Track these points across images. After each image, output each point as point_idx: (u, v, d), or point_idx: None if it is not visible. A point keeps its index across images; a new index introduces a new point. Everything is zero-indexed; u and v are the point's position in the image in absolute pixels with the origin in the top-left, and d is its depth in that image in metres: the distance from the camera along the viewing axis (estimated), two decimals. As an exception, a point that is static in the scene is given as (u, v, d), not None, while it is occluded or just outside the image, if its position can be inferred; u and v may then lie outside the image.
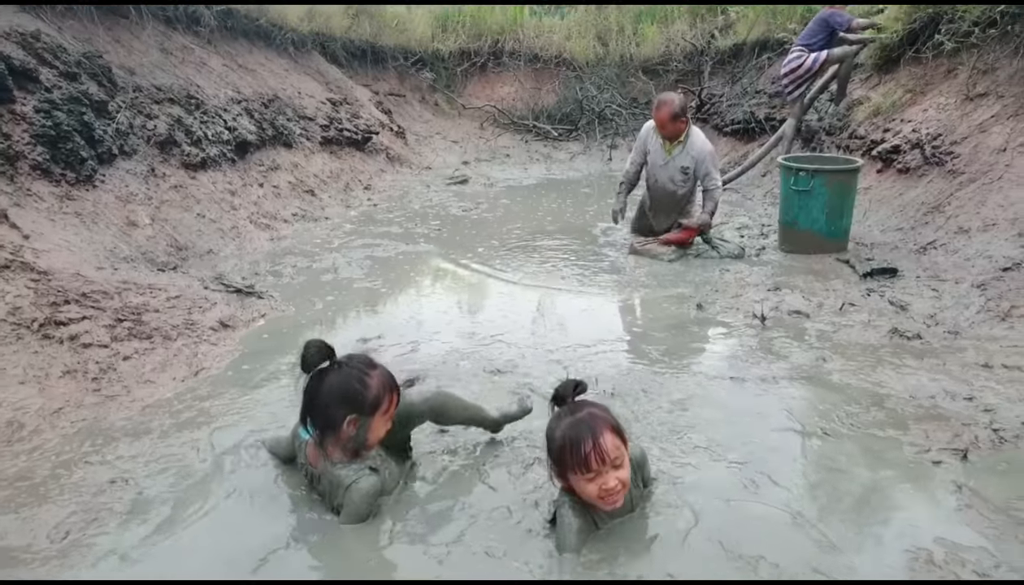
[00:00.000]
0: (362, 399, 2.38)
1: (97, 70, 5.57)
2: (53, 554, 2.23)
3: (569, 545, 2.22)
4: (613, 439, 2.19)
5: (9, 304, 3.33)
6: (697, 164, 5.89)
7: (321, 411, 2.39)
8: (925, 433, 2.93)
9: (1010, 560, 2.16)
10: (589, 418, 2.21)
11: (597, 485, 2.17)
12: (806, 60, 7.90)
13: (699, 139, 5.96)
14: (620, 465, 2.19)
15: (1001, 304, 4.27)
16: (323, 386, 2.37)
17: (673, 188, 6.08)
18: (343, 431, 2.39)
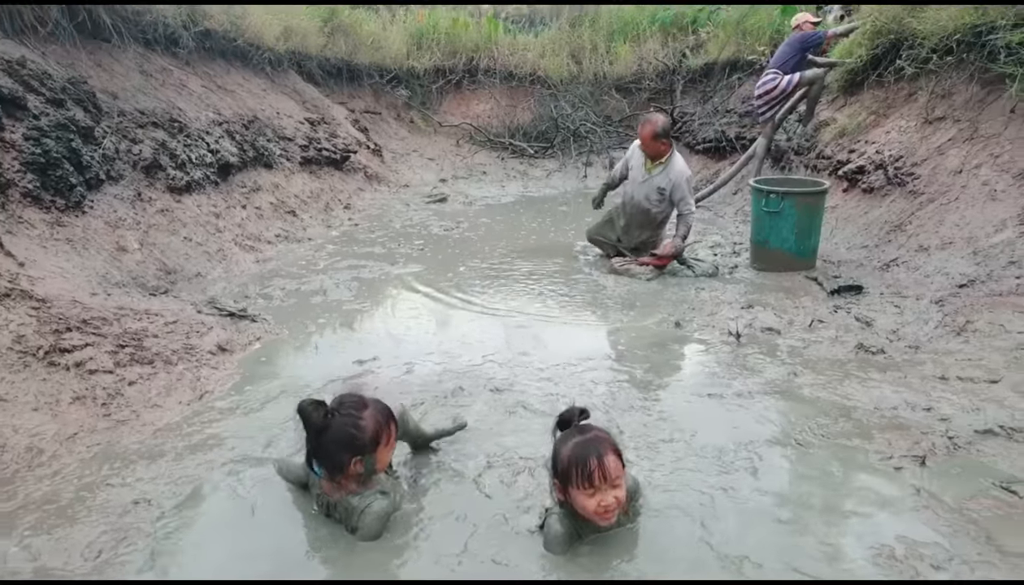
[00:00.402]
0: (361, 441, 2.55)
1: (82, 96, 5.66)
2: (89, 571, 2.37)
3: (553, 551, 2.45)
4: (615, 461, 2.38)
5: (13, 332, 3.42)
6: (673, 187, 6.11)
7: (328, 458, 2.55)
8: (888, 442, 3.16)
9: (962, 553, 2.39)
10: (596, 439, 2.41)
11: (596, 501, 2.35)
12: (780, 82, 8.18)
13: (680, 164, 6.20)
14: (619, 485, 2.38)
15: (957, 319, 4.53)
16: (324, 438, 2.51)
17: (647, 206, 6.29)
18: (351, 470, 2.56)
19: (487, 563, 2.44)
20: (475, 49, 14.02)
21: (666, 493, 2.81)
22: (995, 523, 2.57)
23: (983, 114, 6.22)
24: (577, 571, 2.38)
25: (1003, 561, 2.36)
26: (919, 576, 2.30)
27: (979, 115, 6.25)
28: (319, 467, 2.60)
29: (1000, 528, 2.53)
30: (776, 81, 8.20)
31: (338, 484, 2.61)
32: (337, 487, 2.61)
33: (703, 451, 3.15)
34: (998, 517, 2.61)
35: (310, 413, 2.50)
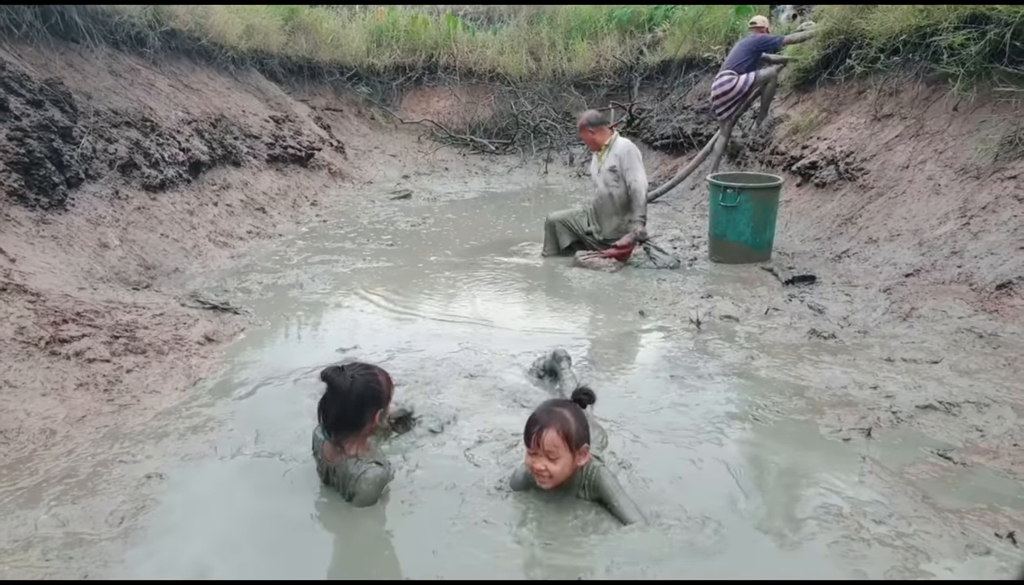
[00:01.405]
0: (382, 393, 2.83)
1: (59, 96, 5.76)
2: (115, 536, 2.58)
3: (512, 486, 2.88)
4: (555, 438, 2.65)
5: (14, 324, 3.58)
6: (619, 160, 6.54)
7: (353, 415, 2.76)
8: (838, 417, 3.48)
9: (900, 510, 2.70)
10: (550, 413, 2.71)
11: (532, 461, 2.69)
12: (737, 82, 8.52)
13: (622, 141, 6.67)
14: (553, 459, 2.66)
15: (903, 306, 4.90)
16: (351, 396, 2.73)
17: (608, 190, 6.65)
18: (372, 425, 2.81)
19: (479, 524, 2.68)
20: (434, 46, 14.16)
21: (635, 465, 3.07)
22: (931, 485, 2.89)
23: (928, 112, 6.61)
24: (551, 533, 2.63)
25: (937, 516, 2.66)
26: (862, 529, 2.60)
27: (924, 113, 6.65)
28: (340, 429, 2.79)
29: (935, 488, 2.86)
30: (733, 82, 8.54)
31: (342, 448, 2.82)
32: (339, 451, 2.82)
33: (667, 426, 3.44)
34: (934, 479, 2.94)
35: (336, 377, 2.72)
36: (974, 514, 2.67)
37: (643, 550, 2.51)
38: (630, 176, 6.48)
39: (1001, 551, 2.45)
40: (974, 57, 5.98)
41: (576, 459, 2.71)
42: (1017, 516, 2.63)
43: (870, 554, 2.46)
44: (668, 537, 2.58)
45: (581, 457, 2.72)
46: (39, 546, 2.50)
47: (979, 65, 5.99)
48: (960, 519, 2.63)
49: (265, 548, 2.58)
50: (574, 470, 2.73)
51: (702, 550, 2.52)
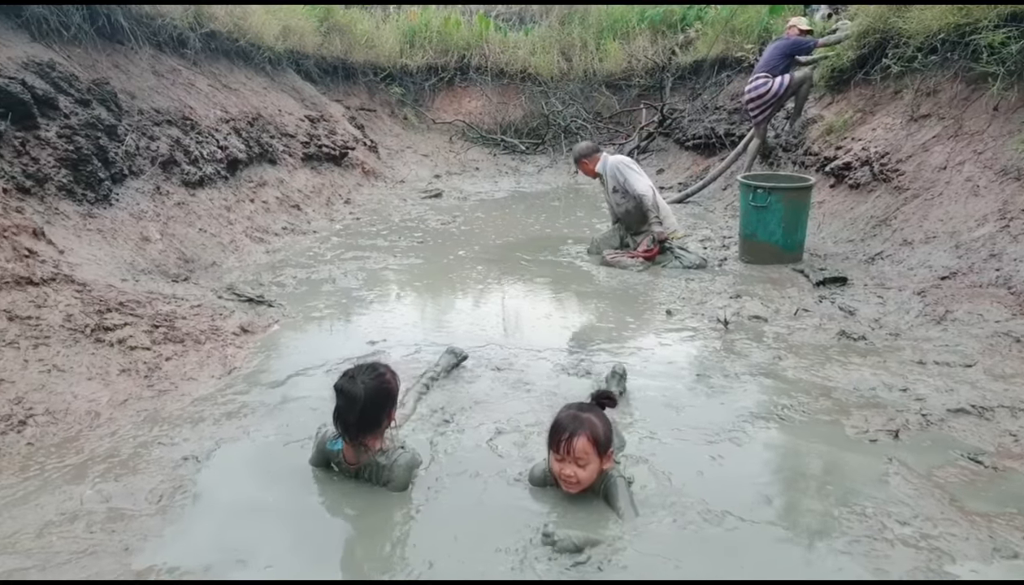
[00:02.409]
0: (394, 393, 2.93)
1: (105, 96, 5.95)
2: (154, 512, 2.71)
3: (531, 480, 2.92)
4: (585, 445, 2.69)
5: (63, 312, 3.73)
6: (614, 178, 6.73)
7: (370, 418, 2.84)
8: (865, 418, 3.48)
9: (926, 512, 2.70)
10: (578, 419, 2.74)
11: (559, 467, 2.73)
12: (772, 85, 8.46)
13: (609, 159, 6.84)
14: (583, 465, 2.70)
15: (937, 309, 4.85)
16: (366, 402, 2.80)
17: (625, 206, 6.78)
18: (387, 423, 2.90)
19: (500, 512, 2.76)
20: (466, 47, 14.30)
21: (656, 460, 3.11)
22: (959, 488, 2.88)
23: (967, 112, 6.51)
24: (575, 525, 2.69)
25: (963, 519, 2.65)
26: (885, 530, 2.60)
27: (963, 113, 6.54)
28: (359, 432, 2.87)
29: (963, 492, 2.85)
30: (767, 85, 8.48)
31: (365, 447, 2.90)
32: (364, 451, 2.91)
33: (691, 424, 3.47)
34: (962, 483, 2.92)
35: (349, 386, 2.80)
36: (1003, 518, 2.65)
37: (661, 542, 2.56)
38: (630, 188, 6.59)
39: (1029, 553, 2.45)
40: (1015, 56, 5.91)
41: (603, 464, 2.76)
42: (1047, 520, 2.62)
43: (893, 554, 2.47)
44: (686, 531, 2.62)
45: (607, 461, 2.78)
46: (84, 519, 2.63)
47: (1020, 64, 5.92)
48: (988, 523, 2.62)
49: (292, 529, 2.68)
50: (600, 475, 2.77)
51: (719, 544, 2.56)
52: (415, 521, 2.76)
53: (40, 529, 2.57)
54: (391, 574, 2.47)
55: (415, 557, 2.55)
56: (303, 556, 2.54)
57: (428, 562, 2.50)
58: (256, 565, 2.47)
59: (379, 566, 2.52)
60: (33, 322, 3.57)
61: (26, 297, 3.66)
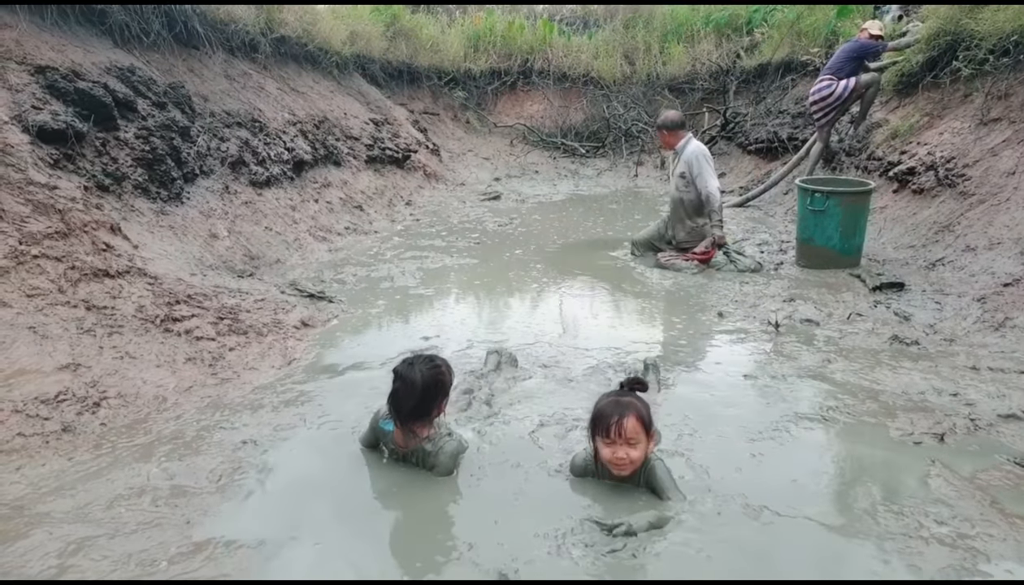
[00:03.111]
0: (449, 383, 3.06)
1: (180, 99, 6.25)
2: (213, 490, 2.90)
3: (572, 472, 3.01)
4: (635, 424, 2.77)
5: (135, 303, 3.98)
6: (689, 166, 6.59)
7: (424, 405, 2.97)
8: (911, 421, 3.46)
9: (964, 513, 2.69)
10: (623, 402, 2.83)
11: (611, 451, 2.79)
12: (836, 88, 8.32)
13: (692, 145, 6.69)
14: (633, 445, 2.77)
15: (996, 316, 4.76)
16: (421, 389, 2.93)
17: (679, 195, 6.74)
18: (437, 412, 3.03)
19: (540, 501, 2.86)
20: (530, 51, 14.42)
21: (696, 456, 3.17)
22: (1002, 491, 2.86)
23: (1040, 116, 6.36)
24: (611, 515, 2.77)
25: (1003, 520, 2.64)
26: (921, 528, 2.61)
27: (1036, 117, 6.39)
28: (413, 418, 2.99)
29: (1006, 495, 2.83)
30: (832, 88, 8.33)
31: (413, 434, 3.03)
32: (412, 436, 3.04)
33: (734, 422, 3.51)
34: (1006, 486, 2.90)
35: (408, 372, 2.94)
36: (1044, 521, 2.64)
37: (695, 532, 2.62)
38: (700, 183, 6.54)
39: (1066, 557, 2.43)
40: (1089, 58, 5.73)
41: (650, 444, 2.84)
42: (1089, 524, 2.59)
43: (927, 552, 2.48)
44: (721, 522, 2.68)
45: (653, 441, 2.85)
46: (150, 494, 2.83)
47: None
48: (1027, 524, 2.61)
49: (341, 508, 2.83)
50: (647, 455, 2.85)
51: (753, 536, 2.61)
52: (458, 505, 2.89)
53: (111, 501, 2.78)
54: (435, 553, 2.59)
55: (457, 538, 2.66)
56: (350, 533, 2.69)
57: (469, 544, 2.61)
58: (306, 541, 2.62)
59: (422, 545, 2.65)
60: (108, 312, 3.82)
61: (103, 288, 3.93)
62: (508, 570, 2.47)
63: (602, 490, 2.91)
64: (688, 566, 2.47)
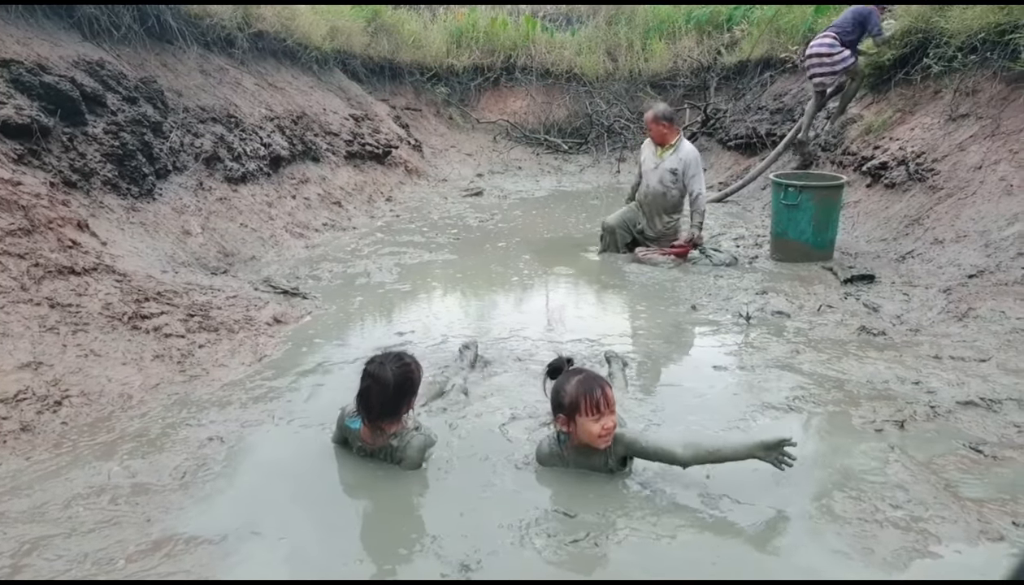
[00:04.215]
0: (418, 381, 3.06)
1: (152, 94, 6.21)
2: (176, 488, 2.88)
3: (541, 462, 3.05)
4: (611, 390, 2.86)
5: (102, 300, 3.95)
6: (685, 166, 6.57)
7: (393, 404, 2.96)
8: (874, 409, 3.51)
9: (919, 497, 2.75)
10: (594, 376, 2.91)
11: (600, 425, 2.82)
12: (838, 54, 8.00)
13: (688, 146, 6.67)
14: (615, 411, 2.86)
15: (960, 306, 4.82)
16: (391, 388, 2.92)
17: (663, 190, 6.71)
18: (405, 410, 3.02)
19: (506, 491, 2.88)
20: (513, 47, 14.38)
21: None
22: (956, 475, 2.92)
23: (1005, 111, 6.43)
24: (586, 509, 2.78)
25: (955, 503, 2.70)
26: (877, 512, 2.66)
27: (1001, 112, 6.46)
28: (364, 418, 3.00)
29: (959, 479, 2.89)
30: (835, 49, 7.99)
31: (382, 431, 3.03)
32: (380, 434, 3.04)
33: (702, 412, 3.55)
34: (960, 471, 2.96)
35: (377, 371, 2.92)
36: (995, 503, 2.69)
37: (656, 520, 2.65)
38: (695, 185, 6.54)
39: (1015, 538, 2.47)
40: (1054, 55, 5.81)
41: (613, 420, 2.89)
42: (1038, 507, 2.64)
43: (881, 535, 2.53)
44: (683, 510, 2.71)
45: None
46: (110, 492, 2.81)
47: (1059, 63, 5.81)
48: (979, 507, 2.66)
49: (307, 503, 2.83)
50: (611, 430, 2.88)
51: (712, 523, 2.65)
52: (424, 498, 2.90)
53: (68, 500, 2.76)
54: (398, 546, 2.60)
55: (422, 530, 2.68)
56: (315, 528, 2.68)
57: (433, 536, 2.62)
58: (270, 536, 2.62)
59: (387, 538, 2.66)
60: (73, 310, 3.79)
61: (68, 286, 3.90)
62: (471, 561, 2.48)
63: (568, 479, 2.95)
64: (648, 555, 2.49)
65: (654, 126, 6.73)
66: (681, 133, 6.77)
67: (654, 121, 6.70)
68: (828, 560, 2.44)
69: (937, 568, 2.38)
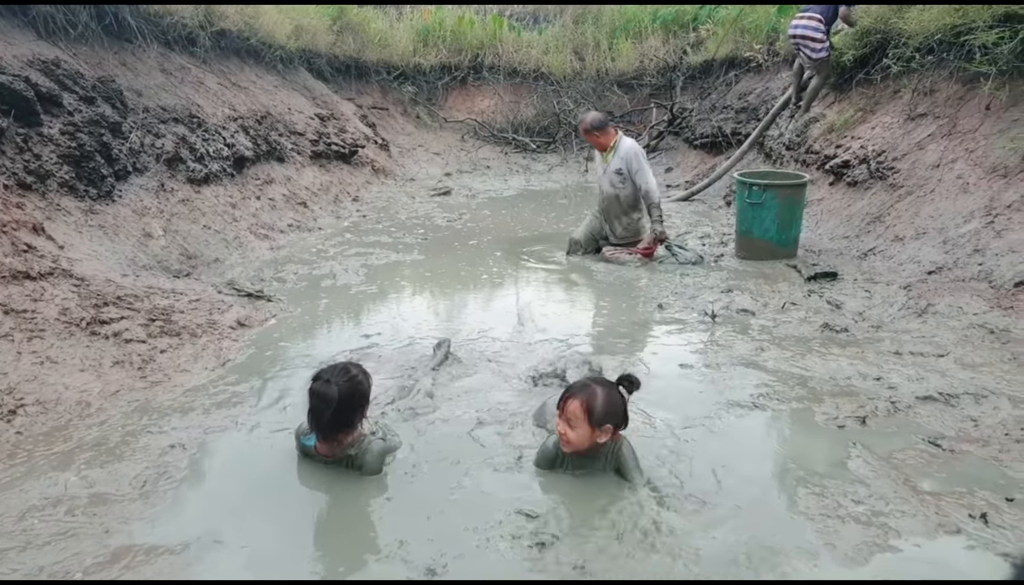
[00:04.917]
0: (367, 394, 3.02)
1: (110, 93, 6.10)
2: (136, 497, 2.82)
3: (538, 464, 3.05)
4: (577, 408, 2.83)
5: (59, 305, 3.87)
6: (627, 162, 6.55)
7: (344, 419, 2.93)
8: (836, 405, 3.55)
9: (880, 492, 2.79)
10: (586, 387, 2.91)
11: (558, 424, 2.89)
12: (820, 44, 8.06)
13: (627, 142, 6.66)
14: (572, 427, 2.84)
15: (920, 302, 4.91)
16: (341, 403, 2.87)
17: (614, 191, 6.69)
18: (359, 421, 2.99)
19: (473, 495, 2.87)
20: (480, 46, 14.37)
21: (639, 445, 3.18)
22: (914, 470, 2.97)
23: (961, 111, 6.56)
24: (555, 497, 2.79)
25: (915, 497, 2.75)
26: (840, 508, 2.70)
27: (957, 112, 6.60)
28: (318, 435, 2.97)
29: (918, 473, 2.94)
30: (818, 34, 8.05)
31: (338, 442, 3.00)
32: (337, 445, 3.01)
33: (668, 411, 3.56)
34: (919, 465, 3.01)
35: (323, 389, 2.87)
36: (952, 497, 2.74)
37: (624, 523, 2.66)
38: (640, 178, 6.52)
39: (972, 531, 2.53)
40: (1007, 56, 5.94)
41: (595, 434, 2.86)
42: (993, 499, 2.70)
43: (843, 530, 2.57)
44: (648, 511, 2.72)
45: (602, 435, 2.87)
46: (67, 503, 2.75)
47: (1012, 64, 5.94)
48: (937, 501, 2.71)
49: (269, 511, 2.79)
50: (592, 443, 2.87)
51: (676, 524, 2.66)
52: (390, 503, 2.87)
53: (23, 513, 2.69)
54: (364, 551, 2.58)
55: (387, 535, 2.65)
56: (278, 535, 2.65)
57: (400, 541, 2.60)
58: (233, 545, 2.58)
59: (352, 544, 2.64)
60: (28, 316, 3.70)
61: (22, 291, 3.80)
62: (436, 565, 2.47)
63: (535, 481, 2.96)
64: (610, 554, 2.50)
65: (589, 138, 6.80)
66: (619, 133, 6.75)
67: (586, 133, 6.78)
68: (792, 556, 2.46)
69: (897, 562, 2.41)
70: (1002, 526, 2.55)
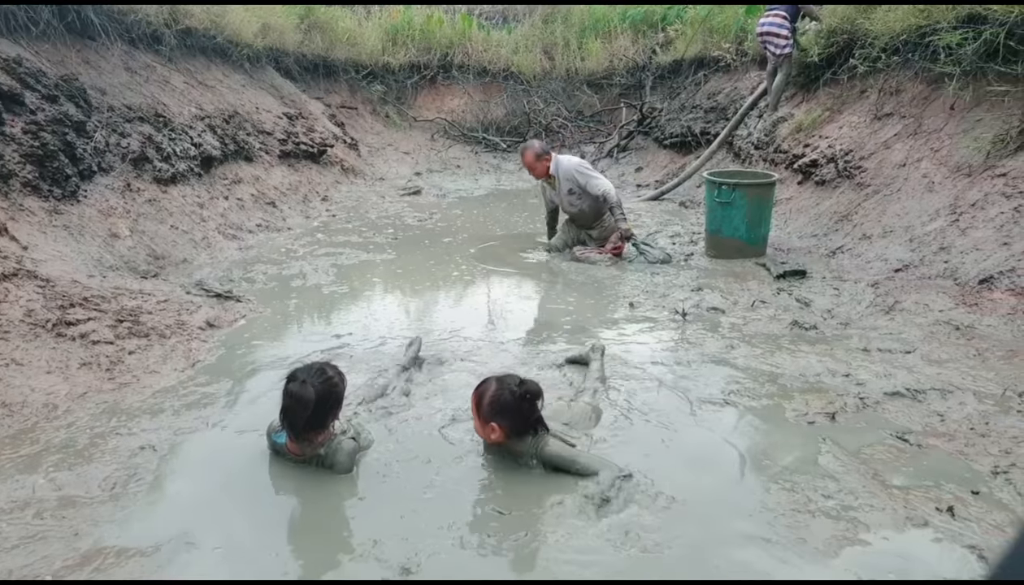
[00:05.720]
0: (341, 395, 3.03)
1: (74, 92, 5.98)
2: (106, 499, 2.78)
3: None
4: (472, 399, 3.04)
5: (23, 307, 3.79)
6: (573, 179, 6.60)
7: (318, 419, 2.92)
8: (806, 402, 3.60)
9: (849, 486, 2.84)
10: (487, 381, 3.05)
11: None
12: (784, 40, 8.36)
13: (562, 161, 6.69)
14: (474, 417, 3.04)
15: (887, 300, 5.01)
16: (314, 404, 2.87)
17: (577, 207, 6.75)
18: (331, 421, 2.98)
19: (447, 492, 2.87)
20: (449, 45, 14.34)
21: (610, 442, 3.23)
22: (883, 464, 3.02)
23: (927, 110, 6.71)
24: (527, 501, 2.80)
25: (883, 492, 2.80)
26: (810, 503, 2.74)
27: (923, 111, 6.74)
28: (289, 434, 2.96)
29: (886, 468, 2.99)
30: (784, 32, 8.33)
31: (310, 442, 2.99)
32: (308, 445, 2.99)
33: (639, 409, 3.58)
34: (887, 460, 3.06)
35: (298, 390, 2.87)
36: (920, 490, 2.79)
37: (593, 522, 2.67)
38: (592, 187, 6.55)
39: (939, 524, 2.57)
40: (970, 57, 6.06)
41: (487, 429, 2.95)
42: (960, 492, 2.75)
43: (813, 524, 2.61)
44: (618, 508, 2.74)
45: (490, 431, 2.95)
46: (35, 507, 2.69)
47: (975, 65, 6.07)
48: (905, 495, 2.76)
49: (242, 512, 2.77)
50: (485, 436, 3.02)
51: (649, 522, 2.67)
52: (364, 502, 2.86)
53: (-10, 517, 2.64)
54: (338, 551, 2.57)
55: (361, 535, 2.64)
56: (251, 536, 2.63)
57: (373, 540, 2.59)
58: (205, 546, 2.55)
59: (326, 544, 2.62)
60: (-8, 317, 3.63)
61: (-14, 292, 3.73)
62: (411, 564, 2.46)
63: (504, 481, 2.96)
64: (583, 551, 2.51)
65: (534, 170, 6.74)
66: (552, 155, 6.71)
67: (529, 168, 6.76)
68: (763, 552, 2.49)
69: (867, 556, 2.45)
70: (968, 519, 2.61)
